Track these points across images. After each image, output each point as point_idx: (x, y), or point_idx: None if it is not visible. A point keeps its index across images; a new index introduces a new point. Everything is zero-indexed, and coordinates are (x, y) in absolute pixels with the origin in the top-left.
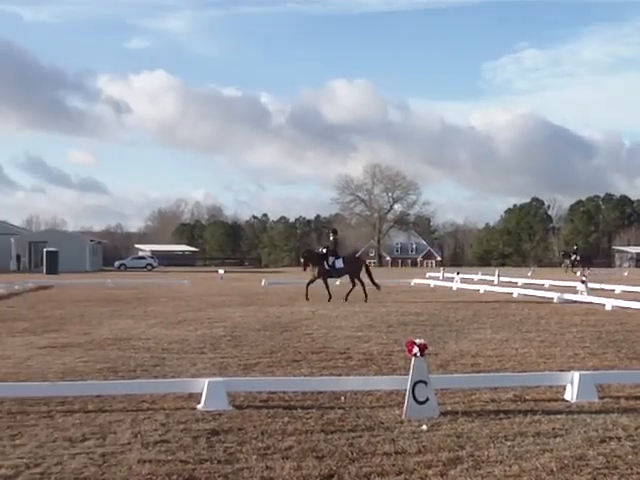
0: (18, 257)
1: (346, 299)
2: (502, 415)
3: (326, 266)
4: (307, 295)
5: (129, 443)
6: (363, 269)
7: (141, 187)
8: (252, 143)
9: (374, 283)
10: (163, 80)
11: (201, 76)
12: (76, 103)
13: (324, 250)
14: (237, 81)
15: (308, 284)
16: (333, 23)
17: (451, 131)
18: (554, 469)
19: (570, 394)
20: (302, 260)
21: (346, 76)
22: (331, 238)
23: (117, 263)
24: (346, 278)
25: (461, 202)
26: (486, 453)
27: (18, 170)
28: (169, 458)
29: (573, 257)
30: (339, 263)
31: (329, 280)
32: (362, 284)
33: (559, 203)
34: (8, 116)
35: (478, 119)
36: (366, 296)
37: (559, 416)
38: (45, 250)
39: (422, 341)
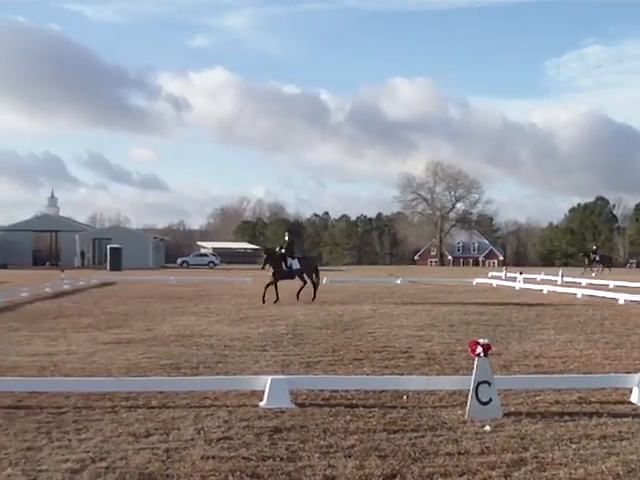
0: (82, 253)
1: (297, 297)
2: (567, 417)
3: (284, 267)
4: (264, 298)
5: (192, 439)
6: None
7: (201, 184)
8: (311, 140)
9: (315, 286)
10: (223, 77)
11: (261, 73)
12: (138, 101)
13: (282, 250)
14: (297, 78)
15: (267, 286)
16: (393, 20)
17: (512, 129)
18: (620, 473)
19: (637, 397)
20: (265, 257)
21: (406, 74)
22: (287, 238)
23: (179, 260)
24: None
25: (522, 201)
26: (551, 455)
27: (80, 167)
28: (232, 455)
29: (592, 257)
30: (295, 264)
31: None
32: (313, 284)
33: (624, 202)
34: (70, 114)
35: (540, 117)
36: (314, 296)
37: (625, 419)
38: (109, 247)
39: (486, 341)
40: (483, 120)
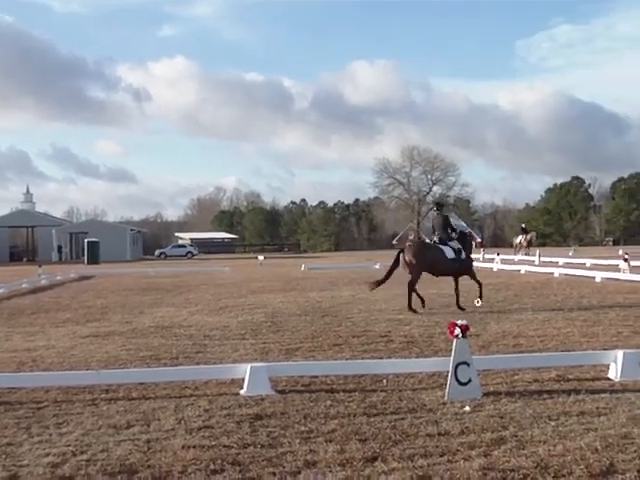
0: (59, 248)
1: None
2: (545, 395)
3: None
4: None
5: (173, 429)
6: None
7: (170, 175)
8: (277, 128)
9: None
10: (182, 67)
11: (223, 62)
12: (96, 93)
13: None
14: (259, 66)
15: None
16: (352, 4)
17: (478, 111)
18: (599, 448)
19: (614, 373)
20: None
21: (367, 57)
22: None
23: (157, 252)
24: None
25: (495, 183)
26: (530, 433)
27: (46, 162)
28: (213, 443)
29: (522, 237)
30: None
31: None
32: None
33: (600, 181)
34: (30, 108)
35: (506, 98)
36: None
37: (603, 395)
38: (86, 240)
39: (464, 322)
40: (447, 102)
